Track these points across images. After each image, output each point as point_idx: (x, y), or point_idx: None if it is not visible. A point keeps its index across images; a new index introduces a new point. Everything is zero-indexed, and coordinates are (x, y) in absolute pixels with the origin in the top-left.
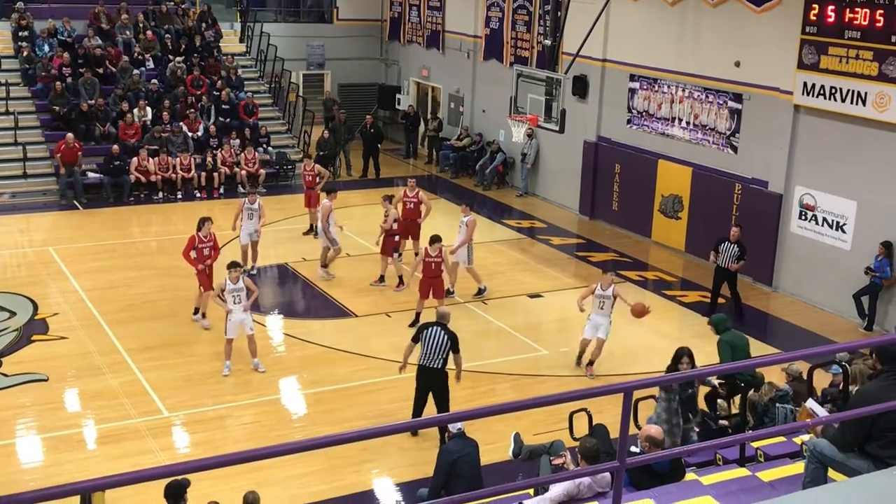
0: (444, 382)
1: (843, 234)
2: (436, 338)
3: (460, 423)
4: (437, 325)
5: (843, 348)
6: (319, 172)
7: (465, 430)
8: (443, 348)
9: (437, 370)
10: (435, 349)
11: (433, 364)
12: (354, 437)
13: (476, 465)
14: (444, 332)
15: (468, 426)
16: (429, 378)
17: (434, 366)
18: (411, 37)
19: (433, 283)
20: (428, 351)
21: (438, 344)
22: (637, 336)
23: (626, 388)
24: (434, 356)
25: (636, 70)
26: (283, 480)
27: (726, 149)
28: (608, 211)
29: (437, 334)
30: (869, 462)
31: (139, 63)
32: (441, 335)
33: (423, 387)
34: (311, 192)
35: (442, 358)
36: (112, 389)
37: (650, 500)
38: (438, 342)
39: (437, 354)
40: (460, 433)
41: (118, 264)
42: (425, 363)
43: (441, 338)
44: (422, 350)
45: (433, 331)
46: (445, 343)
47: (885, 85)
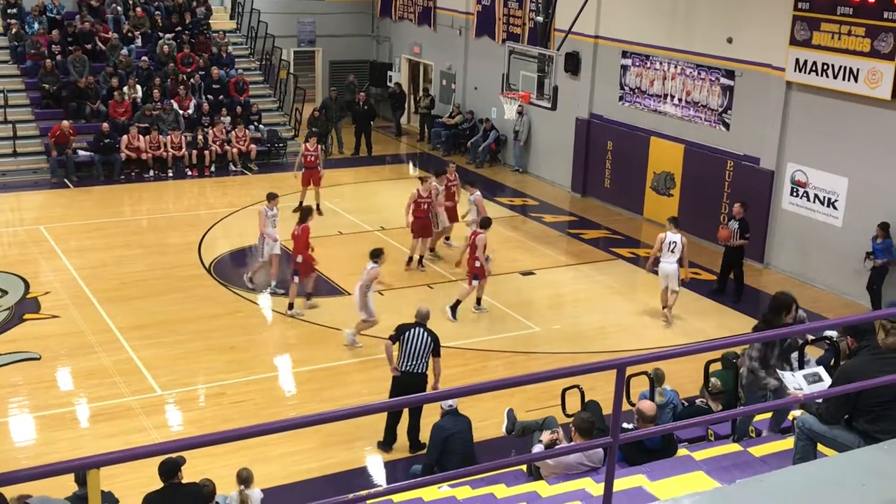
0: (422, 389)
1: (835, 210)
2: (417, 340)
3: (453, 400)
4: (418, 325)
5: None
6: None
7: (457, 407)
8: (425, 351)
9: (417, 375)
10: (417, 352)
11: (414, 368)
12: (346, 415)
13: (469, 442)
14: (427, 334)
15: (460, 403)
16: (408, 384)
17: (415, 370)
18: (403, 13)
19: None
20: (408, 354)
21: (420, 346)
22: (629, 313)
23: (618, 364)
24: (415, 360)
25: (628, 47)
26: (276, 458)
27: (718, 125)
28: (600, 188)
29: (419, 336)
30: (858, 437)
31: (129, 40)
32: (424, 336)
33: (401, 393)
34: (310, 171)
35: (424, 362)
36: (105, 368)
37: (643, 475)
38: (420, 344)
39: (418, 358)
40: (452, 410)
41: (109, 243)
42: (405, 368)
43: (424, 339)
44: (401, 353)
45: (415, 332)
46: (428, 345)
47: (877, 61)
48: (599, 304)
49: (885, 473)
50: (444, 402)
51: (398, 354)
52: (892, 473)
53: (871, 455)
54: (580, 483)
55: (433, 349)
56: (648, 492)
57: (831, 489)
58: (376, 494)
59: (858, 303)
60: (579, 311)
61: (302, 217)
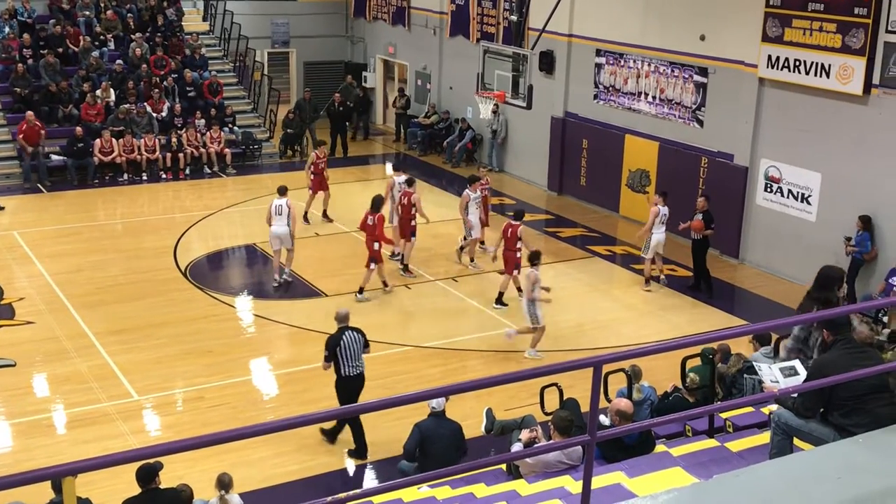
0: (363, 387)
1: (809, 205)
2: (354, 343)
3: (437, 402)
4: (347, 329)
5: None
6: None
7: (444, 410)
8: (360, 350)
9: (360, 376)
10: (355, 353)
11: (356, 370)
12: (326, 417)
13: (449, 448)
14: (357, 333)
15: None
16: (357, 385)
17: (357, 372)
18: (377, 13)
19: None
20: (350, 358)
21: (356, 347)
22: (605, 310)
23: (595, 361)
24: (356, 361)
25: (602, 45)
26: (255, 461)
27: (692, 123)
28: (576, 186)
29: (353, 339)
30: (833, 431)
31: (101, 43)
32: (356, 337)
33: (350, 396)
34: (318, 178)
35: (362, 361)
36: (81, 373)
37: (621, 472)
38: (356, 346)
39: (357, 359)
40: (437, 412)
41: (84, 247)
42: (349, 373)
43: (357, 340)
44: (342, 361)
45: (348, 336)
46: (361, 343)
47: (849, 57)
48: (577, 301)
49: (860, 466)
50: (431, 402)
51: (337, 363)
52: (867, 466)
53: (847, 448)
54: (559, 481)
55: (365, 345)
56: (627, 489)
57: (807, 483)
58: (356, 496)
59: None
60: (557, 309)
61: (375, 206)
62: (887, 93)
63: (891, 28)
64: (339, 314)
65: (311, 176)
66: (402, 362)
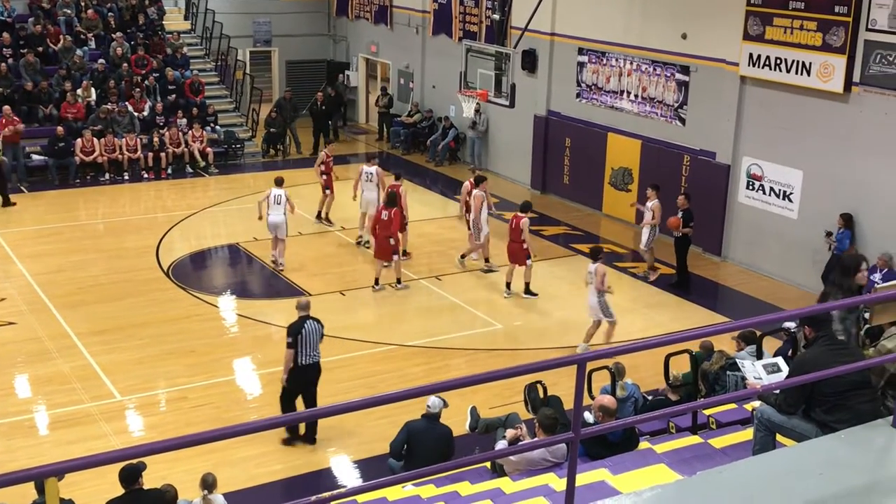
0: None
1: (790, 203)
2: (313, 331)
3: (435, 405)
4: (308, 319)
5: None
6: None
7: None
8: (319, 339)
9: (316, 365)
10: (313, 343)
11: (313, 360)
12: (309, 417)
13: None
14: (317, 322)
15: (421, 402)
16: (312, 374)
17: (314, 361)
18: (359, 12)
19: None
20: (308, 347)
21: (316, 337)
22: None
23: (579, 359)
24: (313, 350)
25: (584, 44)
26: (239, 461)
27: (674, 121)
28: (559, 185)
29: (313, 328)
30: (815, 427)
31: (82, 42)
32: (316, 326)
33: (310, 384)
34: (329, 177)
35: (318, 350)
36: (63, 374)
37: (605, 469)
38: (315, 335)
39: (315, 348)
40: (431, 414)
41: (66, 248)
42: (306, 361)
43: (317, 329)
44: (300, 349)
45: (309, 325)
46: (320, 332)
47: (829, 55)
48: (560, 299)
49: (841, 462)
50: (429, 402)
51: (298, 352)
52: (849, 462)
53: (829, 444)
54: (544, 478)
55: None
56: (611, 486)
57: (790, 478)
58: (340, 495)
59: (815, 293)
60: (541, 307)
61: (391, 201)
62: (868, 91)
63: (871, 26)
64: (301, 303)
65: (323, 176)
66: (385, 361)
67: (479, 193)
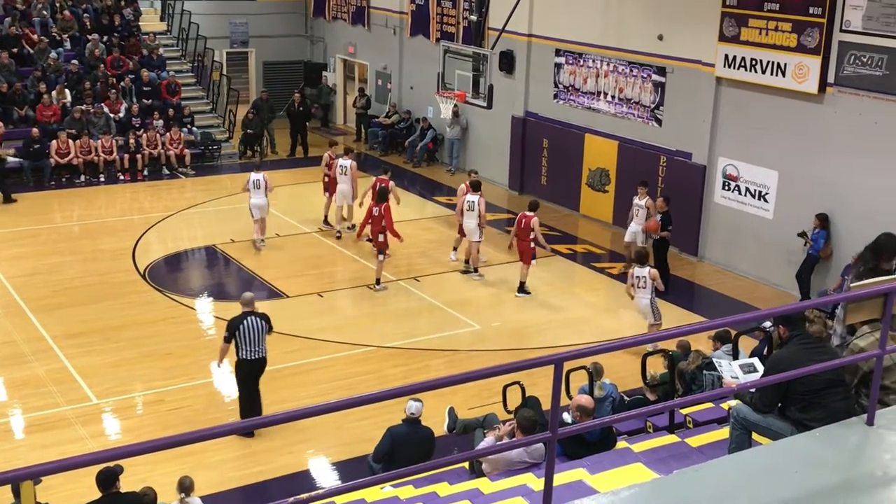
0: (261, 371)
1: (766, 203)
2: (254, 327)
3: (415, 408)
4: (250, 314)
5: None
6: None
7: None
8: (262, 335)
9: (259, 360)
10: (255, 339)
11: (255, 355)
12: (287, 418)
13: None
14: (260, 318)
15: (401, 402)
16: (254, 369)
17: (257, 356)
18: (336, 13)
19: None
20: (249, 343)
21: (257, 332)
22: (566, 309)
23: (556, 359)
24: (255, 346)
25: (561, 45)
26: (217, 464)
27: (651, 122)
28: (537, 185)
29: (254, 324)
30: (790, 425)
31: (57, 44)
32: (258, 322)
33: (249, 379)
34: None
35: (263, 346)
36: (38, 377)
37: (583, 468)
38: (256, 331)
39: (257, 344)
40: (412, 418)
41: (41, 250)
42: (247, 357)
43: (259, 325)
44: (241, 344)
45: (249, 321)
46: (263, 328)
47: (804, 56)
48: (538, 300)
49: (816, 460)
50: (407, 407)
51: (238, 346)
52: (824, 460)
53: (804, 443)
54: (522, 479)
55: (269, 329)
56: (588, 485)
57: (766, 476)
58: (318, 497)
59: (790, 293)
60: (518, 307)
61: (381, 197)
62: (842, 91)
63: (845, 27)
64: (244, 298)
65: (325, 178)
66: (363, 363)
67: (481, 198)
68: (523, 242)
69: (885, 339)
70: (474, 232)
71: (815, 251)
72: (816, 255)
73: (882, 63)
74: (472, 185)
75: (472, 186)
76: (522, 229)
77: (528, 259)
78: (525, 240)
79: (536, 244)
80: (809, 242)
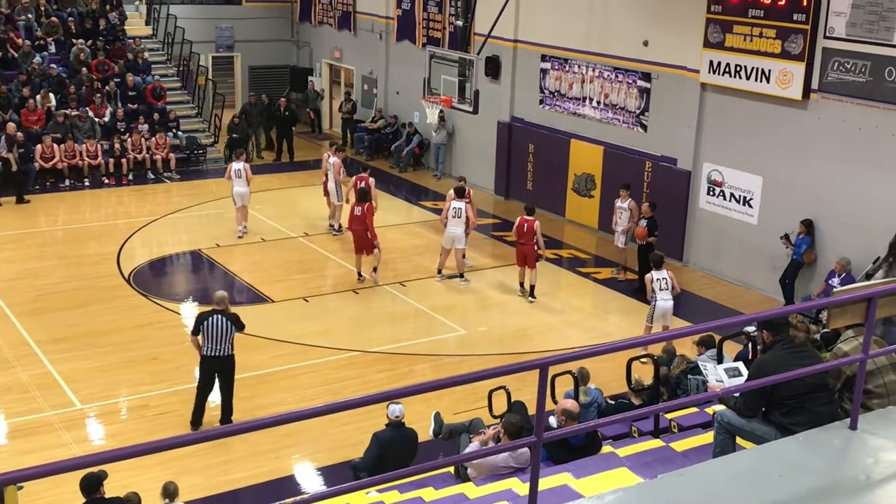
0: (230, 371)
1: (750, 208)
2: (218, 326)
3: (398, 411)
4: (216, 312)
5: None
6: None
7: (403, 418)
8: (227, 334)
9: (223, 358)
10: (218, 337)
11: (219, 352)
12: (272, 423)
13: (407, 456)
14: (225, 318)
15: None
16: (216, 367)
17: (221, 354)
18: (322, 18)
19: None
20: (213, 340)
21: (221, 331)
22: (552, 313)
23: (541, 363)
24: (220, 344)
25: (547, 50)
26: (202, 469)
27: (636, 127)
28: (523, 191)
29: (219, 322)
30: (774, 430)
31: (41, 48)
32: (223, 321)
33: (209, 376)
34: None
35: (229, 344)
36: (22, 383)
37: (568, 473)
38: (220, 329)
39: (222, 342)
40: (396, 421)
41: (25, 254)
42: (211, 353)
43: (223, 324)
44: (204, 341)
45: (214, 319)
46: (228, 328)
47: (788, 62)
48: (524, 305)
49: (800, 464)
50: (391, 411)
51: (202, 341)
52: (807, 464)
53: (787, 447)
54: (507, 483)
55: (236, 328)
56: (574, 489)
57: (750, 480)
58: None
59: (774, 298)
60: (504, 312)
61: (361, 197)
62: (826, 97)
63: (829, 34)
64: (215, 296)
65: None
66: (348, 367)
67: (467, 206)
68: (526, 247)
69: (868, 344)
70: (460, 238)
71: (797, 256)
72: (800, 261)
73: (865, 69)
74: (457, 191)
75: (457, 192)
76: (525, 234)
77: (532, 263)
78: (528, 244)
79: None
80: (790, 245)
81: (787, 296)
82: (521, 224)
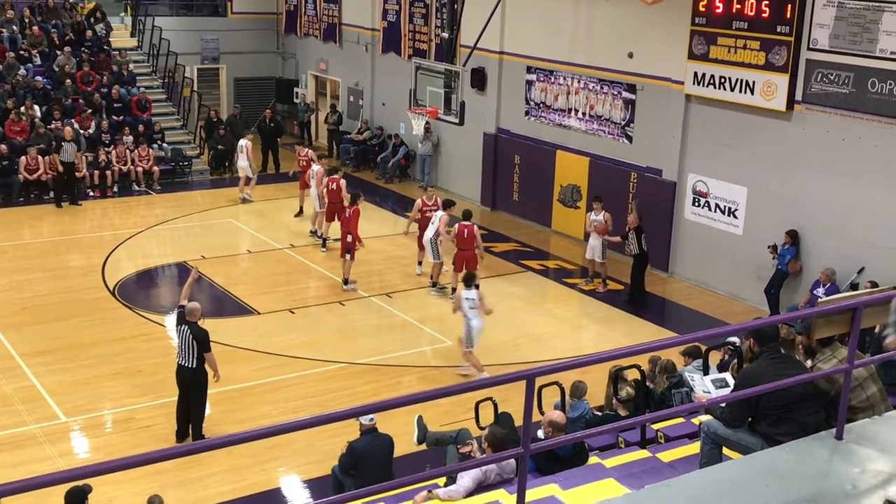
0: (198, 383)
1: (735, 219)
2: (182, 336)
3: (370, 417)
4: (185, 323)
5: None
6: (312, 158)
7: (376, 424)
8: (189, 347)
9: (188, 369)
10: (185, 349)
11: (185, 363)
12: (257, 436)
13: (385, 463)
14: (189, 331)
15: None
16: (183, 377)
17: (188, 365)
18: (308, 30)
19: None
20: (180, 349)
21: (185, 343)
22: (538, 324)
23: (528, 374)
24: (186, 355)
25: (533, 62)
26: (186, 482)
27: (621, 138)
28: (509, 202)
29: (182, 333)
30: (760, 440)
31: (25, 59)
32: (186, 333)
33: (180, 386)
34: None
35: (194, 357)
36: (6, 396)
37: (555, 484)
38: (185, 341)
39: (188, 355)
40: (370, 427)
41: (8, 267)
42: (179, 361)
43: (186, 336)
44: (177, 350)
45: (181, 329)
46: (190, 342)
47: (772, 73)
48: (511, 316)
49: (786, 474)
50: (363, 417)
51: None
52: (794, 474)
53: (774, 457)
54: (494, 494)
55: (200, 347)
56: (560, 500)
57: (736, 490)
58: None
59: (760, 308)
60: (491, 323)
61: (352, 200)
62: (810, 108)
63: (812, 46)
64: (187, 307)
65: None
66: (334, 379)
67: (443, 215)
68: (468, 252)
69: (853, 354)
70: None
71: (782, 267)
72: (785, 271)
73: (849, 80)
74: (444, 203)
75: (444, 204)
76: (466, 239)
77: (474, 266)
78: (469, 249)
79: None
80: (775, 256)
81: (772, 306)
82: (461, 230)
